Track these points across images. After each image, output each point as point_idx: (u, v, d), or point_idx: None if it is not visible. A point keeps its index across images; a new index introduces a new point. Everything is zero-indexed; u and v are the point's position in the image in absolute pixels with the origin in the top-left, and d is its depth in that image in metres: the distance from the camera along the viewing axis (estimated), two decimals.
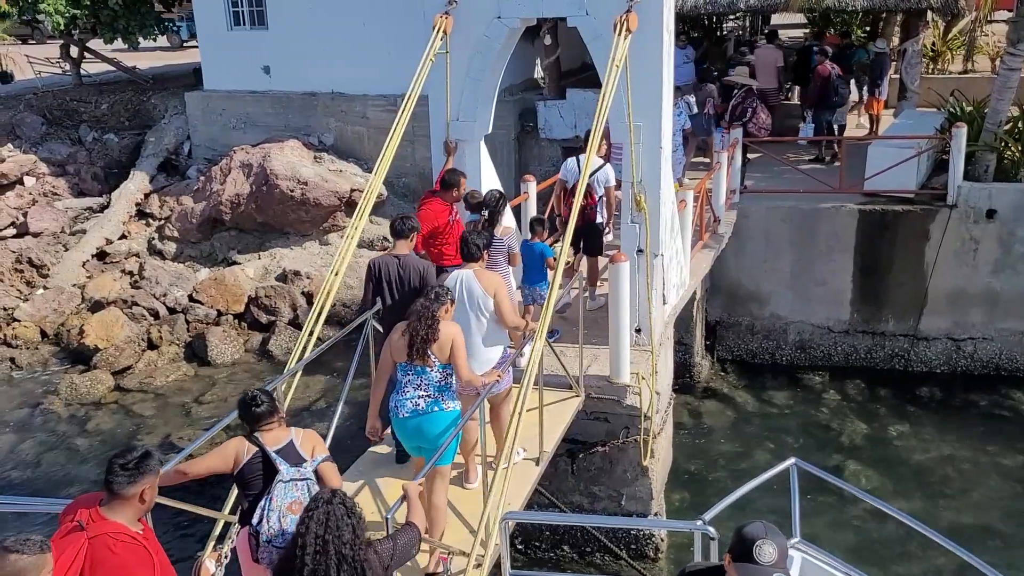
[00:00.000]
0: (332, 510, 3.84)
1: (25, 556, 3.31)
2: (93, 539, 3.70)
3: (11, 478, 10.85)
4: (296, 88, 17.07)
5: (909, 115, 14.39)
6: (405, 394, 5.64)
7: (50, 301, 14.71)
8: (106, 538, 3.70)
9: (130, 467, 3.81)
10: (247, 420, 4.71)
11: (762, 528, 3.51)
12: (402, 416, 5.64)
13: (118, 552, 3.70)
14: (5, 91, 21.24)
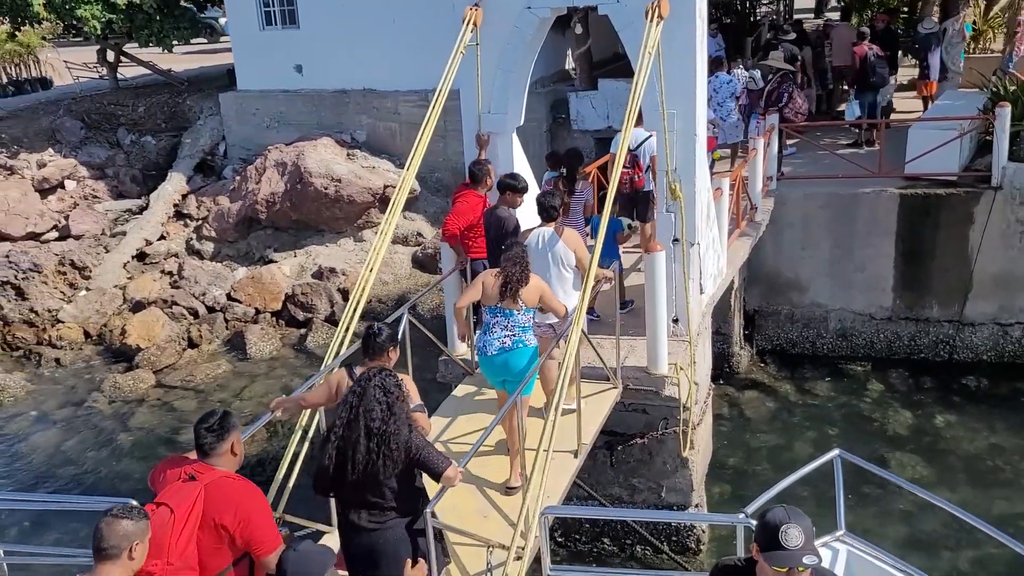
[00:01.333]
0: (368, 388, 4.28)
1: (132, 522, 3.63)
2: (208, 484, 4.09)
3: (57, 475, 11.06)
4: (328, 86, 17.16)
5: (951, 96, 14.05)
6: (493, 334, 6.29)
7: (93, 302, 14.96)
8: (221, 480, 4.13)
9: (215, 428, 4.22)
10: (363, 349, 5.13)
11: (784, 512, 3.43)
12: (490, 354, 6.29)
13: (236, 487, 4.14)
14: (45, 97, 21.65)
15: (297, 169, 15.59)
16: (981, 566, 8.43)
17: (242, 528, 4.02)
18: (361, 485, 4.34)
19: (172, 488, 4.09)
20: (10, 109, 19.92)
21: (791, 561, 3.34)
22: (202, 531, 4.00)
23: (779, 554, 3.36)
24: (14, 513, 10.02)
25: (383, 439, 4.26)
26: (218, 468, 4.16)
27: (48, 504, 9.27)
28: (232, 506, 4.04)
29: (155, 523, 3.83)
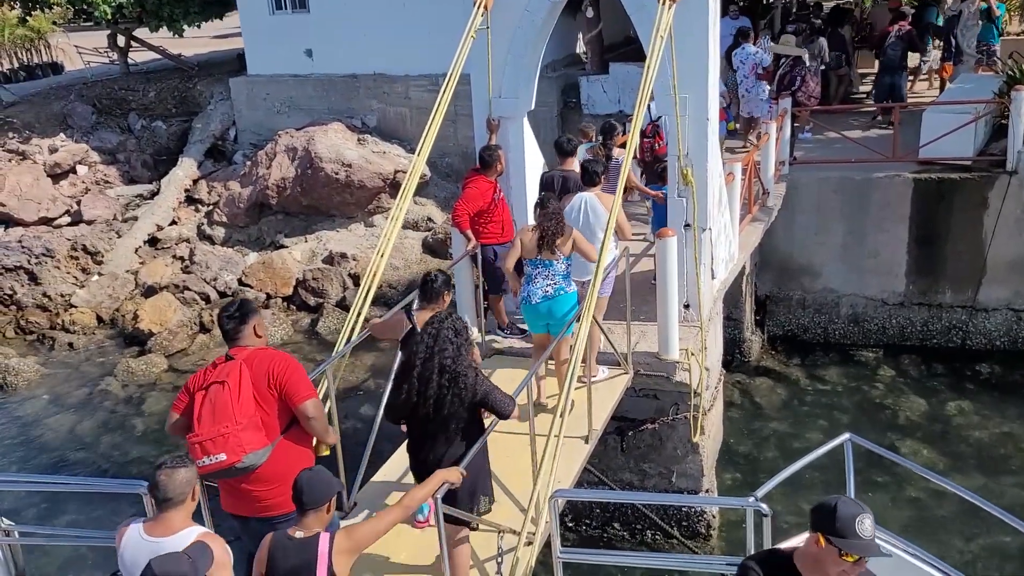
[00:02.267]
0: (441, 329, 4.80)
1: (186, 469, 4.02)
2: (246, 357, 4.67)
3: (71, 459, 11.15)
4: (338, 71, 17.11)
5: (965, 79, 13.91)
6: (536, 284, 6.87)
7: (105, 287, 15.03)
8: (254, 351, 4.72)
9: (235, 314, 4.77)
10: (420, 294, 5.75)
11: (854, 503, 3.48)
12: (535, 302, 6.87)
13: (270, 352, 4.78)
14: (56, 82, 21.69)
15: (308, 154, 15.58)
16: (992, 552, 8.41)
17: (280, 381, 4.64)
18: (430, 417, 4.82)
19: (216, 370, 4.64)
20: (21, 94, 19.98)
21: (869, 550, 3.40)
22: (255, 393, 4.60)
23: (856, 542, 3.40)
24: (30, 495, 10.12)
25: (454, 377, 4.75)
26: (245, 348, 4.72)
27: (62, 486, 9.37)
28: (268, 365, 4.66)
29: (216, 395, 4.49)
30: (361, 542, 4.05)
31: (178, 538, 3.89)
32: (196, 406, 4.60)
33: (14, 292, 14.96)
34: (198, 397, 4.59)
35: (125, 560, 4.02)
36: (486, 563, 5.53)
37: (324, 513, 3.98)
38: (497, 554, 5.40)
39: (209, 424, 4.47)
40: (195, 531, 3.97)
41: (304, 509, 3.95)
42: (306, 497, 3.94)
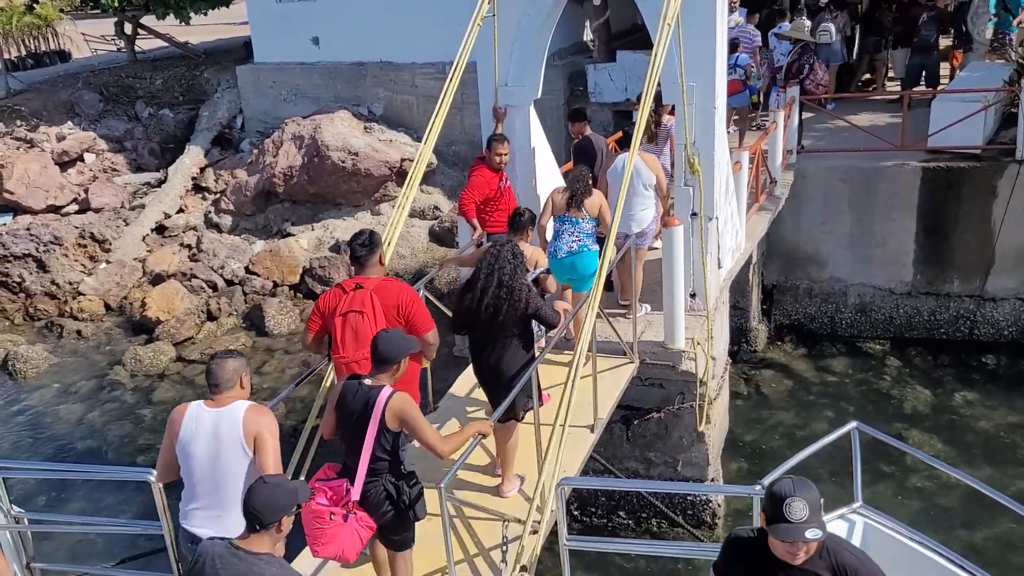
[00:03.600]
0: (502, 251, 5.69)
1: (235, 359, 4.58)
2: (375, 287, 5.37)
3: (80, 447, 11.21)
4: (345, 59, 17.09)
5: (975, 67, 13.81)
6: (562, 240, 7.49)
7: (113, 275, 15.08)
8: (382, 282, 5.44)
9: (366, 243, 5.49)
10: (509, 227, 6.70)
11: (791, 484, 3.45)
12: (560, 256, 7.45)
13: (396, 284, 5.53)
14: (64, 69, 21.72)
15: (314, 142, 15.58)
16: (998, 540, 8.40)
17: (406, 310, 5.34)
18: (489, 324, 5.69)
19: (349, 298, 5.34)
20: (29, 82, 20.01)
21: (794, 535, 3.38)
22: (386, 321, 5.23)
23: (783, 527, 3.40)
24: (39, 483, 10.19)
25: (510, 290, 5.61)
26: (372, 277, 5.42)
27: (71, 474, 9.44)
28: (396, 296, 5.37)
29: (357, 323, 5.24)
30: (408, 419, 4.57)
31: (230, 410, 4.47)
32: (338, 330, 5.37)
33: (23, 280, 15.02)
34: (338, 322, 5.36)
35: (184, 428, 4.50)
36: (491, 551, 5.55)
37: (393, 371, 4.67)
38: (502, 542, 5.42)
39: (353, 348, 5.28)
40: (244, 404, 4.51)
41: (377, 364, 4.65)
42: (380, 354, 4.64)
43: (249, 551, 3.52)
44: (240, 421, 4.41)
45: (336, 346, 5.39)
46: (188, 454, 4.50)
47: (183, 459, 4.53)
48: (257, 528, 3.53)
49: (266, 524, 3.52)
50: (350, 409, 4.60)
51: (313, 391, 6.25)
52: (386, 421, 4.52)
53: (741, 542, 3.77)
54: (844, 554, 3.59)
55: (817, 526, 3.40)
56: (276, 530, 3.57)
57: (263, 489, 3.57)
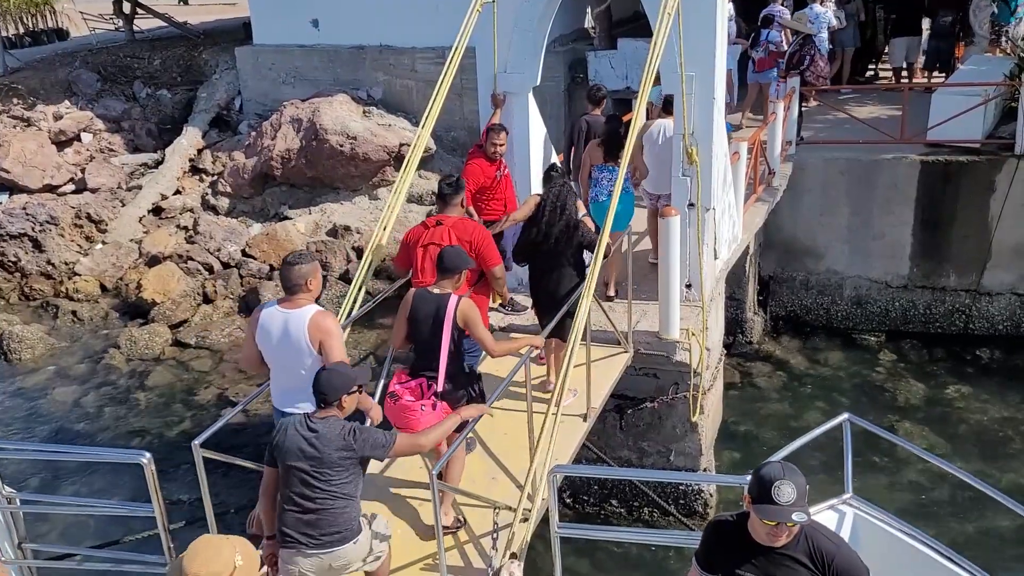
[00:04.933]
0: (562, 191, 6.72)
1: (303, 265, 5.11)
2: (453, 224, 6.21)
3: (74, 429, 11.22)
4: (344, 42, 16.99)
5: (976, 61, 13.78)
6: (601, 186, 8.38)
7: (109, 256, 15.04)
8: (459, 220, 6.28)
9: (452, 183, 6.40)
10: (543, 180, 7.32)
11: (779, 468, 3.53)
12: (601, 200, 8.22)
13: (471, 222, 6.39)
14: (62, 48, 21.60)
15: (312, 126, 15.51)
16: (987, 534, 8.45)
17: (478, 246, 6.18)
18: (550, 253, 6.69)
19: (430, 233, 6.24)
20: (27, 60, 19.90)
21: (780, 516, 3.44)
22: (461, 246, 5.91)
23: (769, 508, 3.46)
24: (33, 465, 10.19)
25: (570, 222, 6.63)
26: (452, 215, 6.26)
27: (64, 455, 9.45)
28: (470, 232, 6.21)
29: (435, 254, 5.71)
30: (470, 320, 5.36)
31: (299, 313, 5.06)
32: (418, 259, 6.22)
33: (18, 259, 14.99)
34: (419, 252, 6.22)
35: (262, 325, 5.17)
36: (482, 538, 5.57)
37: (455, 280, 5.47)
38: (493, 530, 5.44)
39: (431, 275, 5.87)
40: (313, 308, 5.09)
41: (442, 272, 5.45)
42: (445, 264, 5.42)
43: (314, 420, 4.34)
44: (305, 325, 5.03)
45: (416, 273, 6.27)
46: (267, 347, 5.18)
47: (265, 351, 5.22)
48: (323, 405, 4.37)
49: (330, 402, 4.35)
50: (424, 315, 5.39)
51: None
52: (456, 320, 5.32)
53: (721, 527, 3.83)
54: (822, 539, 3.65)
55: (803, 510, 3.46)
56: (338, 407, 4.38)
57: (325, 375, 4.42)
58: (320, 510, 4.29)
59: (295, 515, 4.31)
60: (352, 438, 4.29)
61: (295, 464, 4.28)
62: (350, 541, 4.38)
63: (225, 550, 3.62)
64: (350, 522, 4.38)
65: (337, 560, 4.39)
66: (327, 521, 4.31)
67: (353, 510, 4.41)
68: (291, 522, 4.31)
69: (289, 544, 4.33)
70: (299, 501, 4.30)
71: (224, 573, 3.55)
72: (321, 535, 4.30)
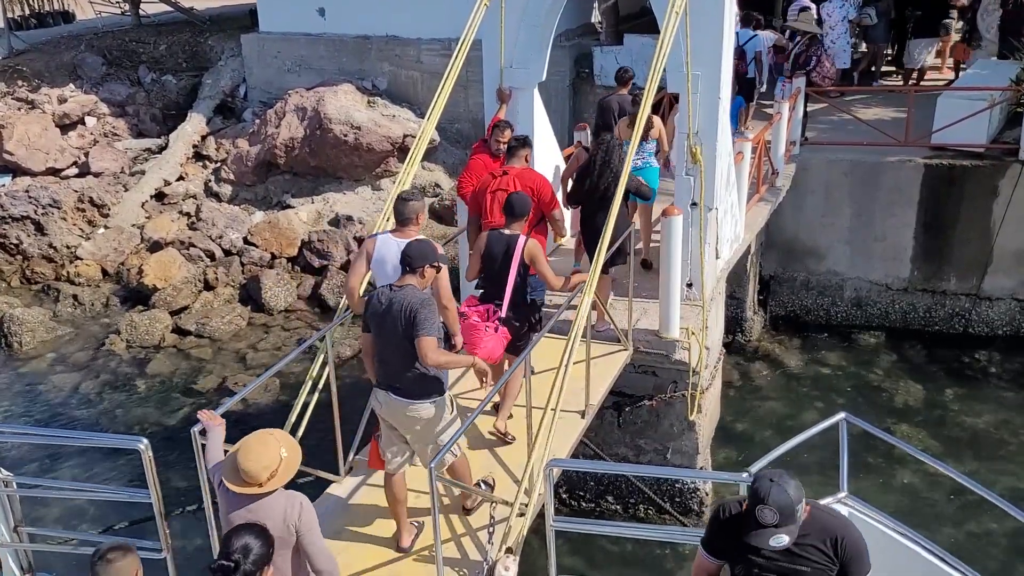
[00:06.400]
0: (610, 145, 7.61)
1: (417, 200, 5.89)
2: (518, 173, 7.11)
3: (72, 415, 11.24)
4: (350, 31, 16.95)
5: (983, 65, 13.74)
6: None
7: (111, 240, 15.05)
8: (522, 169, 7.20)
9: (521, 139, 7.35)
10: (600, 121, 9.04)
11: (767, 487, 3.52)
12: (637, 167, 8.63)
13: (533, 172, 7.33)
14: (67, 31, 21.53)
15: (317, 115, 15.50)
16: (981, 536, 8.49)
17: (539, 192, 7.03)
18: (600, 199, 7.43)
19: (498, 180, 7.13)
20: (32, 42, 19.85)
21: (759, 540, 3.51)
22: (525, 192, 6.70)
23: (752, 531, 3.52)
24: (30, 450, 10.22)
25: (615, 173, 7.34)
26: (517, 166, 7.16)
27: (62, 440, 9.46)
28: (532, 180, 7.10)
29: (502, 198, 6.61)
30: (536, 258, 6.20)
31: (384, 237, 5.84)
32: (487, 203, 7.13)
33: (20, 242, 14.99)
34: (488, 197, 7.12)
35: (378, 251, 5.83)
36: (478, 532, 5.60)
37: (523, 222, 6.28)
38: (489, 524, 5.46)
39: (499, 216, 6.72)
40: (420, 237, 5.63)
41: (510, 216, 6.28)
42: (514, 209, 6.26)
43: (401, 284, 5.11)
44: None
45: (485, 214, 7.17)
46: (380, 270, 5.83)
47: (378, 274, 5.85)
48: (407, 270, 5.11)
49: (414, 268, 5.09)
50: (495, 251, 6.26)
51: None
52: (524, 257, 6.14)
53: (728, 512, 3.84)
54: (829, 519, 3.74)
55: (785, 532, 3.49)
56: (420, 275, 5.10)
57: (415, 243, 5.23)
58: (401, 364, 5.10)
59: (384, 367, 5.24)
60: (419, 305, 4.98)
61: (378, 326, 5.14)
62: (424, 399, 5.17)
63: (271, 445, 4.07)
64: (426, 384, 5.14)
65: (410, 411, 5.20)
66: (406, 375, 5.11)
67: (426, 376, 5.12)
68: (381, 373, 5.28)
69: (380, 386, 5.29)
70: (386, 356, 5.18)
71: (273, 465, 4.02)
72: (401, 386, 5.16)
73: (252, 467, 3.97)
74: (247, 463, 3.98)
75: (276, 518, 4.00)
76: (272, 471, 4.00)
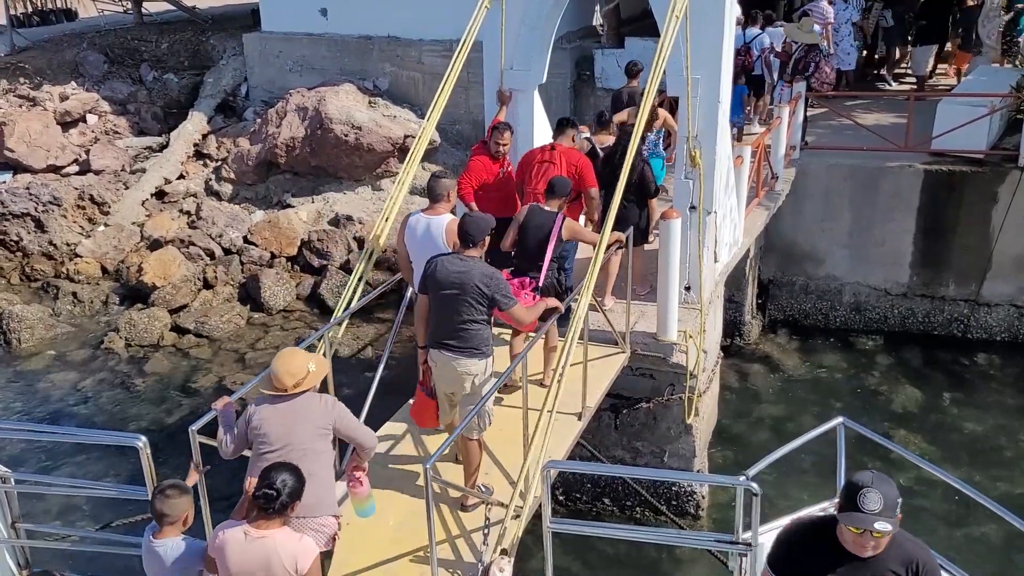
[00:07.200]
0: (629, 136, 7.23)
1: (447, 179, 6.47)
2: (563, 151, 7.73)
3: (71, 412, 11.24)
4: (352, 32, 16.98)
5: (983, 71, 13.78)
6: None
7: (111, 238, 15.06)
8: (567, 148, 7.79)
9: (568, 120, 8.00)
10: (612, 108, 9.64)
11: (869, 476, 3.52)
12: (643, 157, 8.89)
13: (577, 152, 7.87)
14: (70, 29, 21.57)
15: (318, 114, 15.52)
16: (978, 541, 8.49)
17: (579, 169, 7.68)
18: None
19: (544, 154, 7.80)
20: (34, 40, 19.87)
21: (864, 523, 3.44)
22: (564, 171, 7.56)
23: (855, 515, 3.45)
24: (29, 447, 10.22)
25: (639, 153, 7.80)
26: (563, 144, 7.77)
27: (60, 437, 9.46)
28: (575, 158, 7.72)
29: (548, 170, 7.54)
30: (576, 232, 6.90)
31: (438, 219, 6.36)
32: (533, 172, 7.77)
33: (20, 239, 15.00)
34: (535, 167, 7.76)
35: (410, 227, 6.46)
36: (473, 533, 5.61)
37: (562, 201, 6.85)
38: (484, 525, 5.46)
39: (541, 183, 7.28)
40: (449, 216, 6.31)
41: (551, 194, 6.83)
42: (555, 189, 6.84)
43: (466, 257, 5.60)
44: (443, 228, 6.28)
45: (529, 180, 7.77)
46: (412, 243, 6.41)
47: (411, 247, 6.42)
48: (469, 245, 5.61)
49: (475, 242, 5.62)
50: (534, 225, 6.75)
51: None
52: (562, 233, 6.67)
53: (804, 531, 3.78)
54: (911, 545, 3.65)
55: (888, 520, 3.44)
56: (481, 247, 5.66)
57: (470, 219, 5.75)
58: (460, 326, 5.57)
59: (440, 327, 5.64)
60: (489, 279, 5.52)
61: (445, 292, 5.54)
62: (473, 357, 5.63)
63: (300, 358, 4.74)
64: (479, 343, 5.64)
65: (460, 366, 5.64)
66: (462, 336, 5.59)
67: (482, 334, 5.64)
68: (436, 332, 5.67)
69: (434, 346, 5.70)
70: (444, 317, 5.60)
71: (299, 374, 4.67)
72: (456, 345, 5.61)
73: (282, 370, 4.65)
74: (278, 367, 4.68)
75: (314, 412, 4.71)
76: (299, 379, 4.66)
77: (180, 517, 4.40)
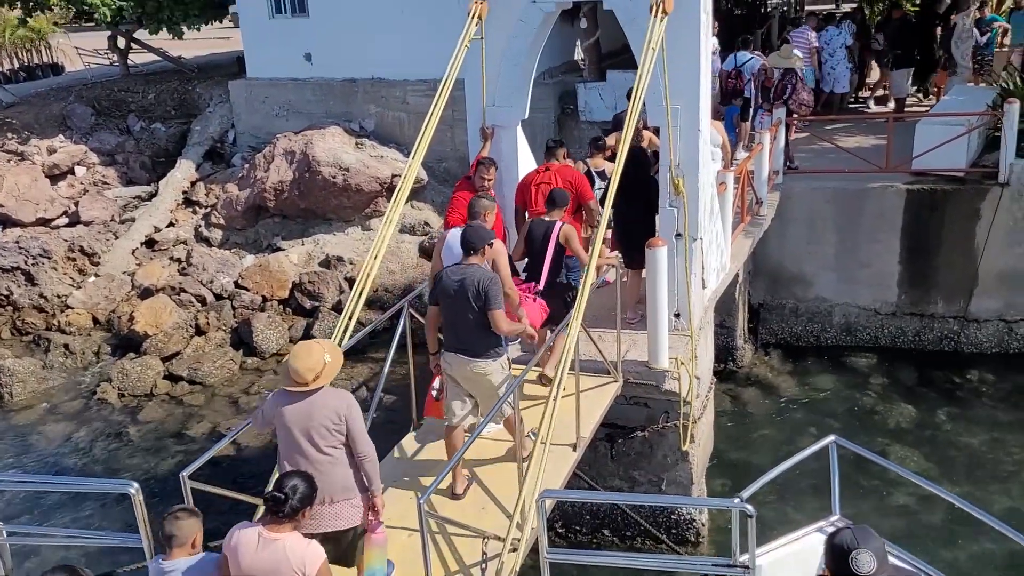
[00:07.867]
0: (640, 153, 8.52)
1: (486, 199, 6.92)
2: (557, 169, 8.12)
3: (63, 463, 11.17)
4: (337, 75, 17.19)
5: (959, 91, 14.00)
6: None
7: (101, 288, 15.06)
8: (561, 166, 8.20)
9: (558, 140, 8.67)
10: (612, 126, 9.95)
11: (852, 535, 3.42)
12: None
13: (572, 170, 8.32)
14: (56, 83, 21.77)
15: (306, 158, 15.64)
16: (976, 557, 8.46)
17: (576, 185, 8.00)
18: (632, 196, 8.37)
19: (540, 175, 8.10)
20: (21, 95, 20.05)
21: None
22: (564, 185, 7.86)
23: None
24: (21, 500, 10.14)
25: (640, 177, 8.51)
26: (557, 163, 8.19)
27: (52, 486, 9.40)
28: (570, 175, 8.08)
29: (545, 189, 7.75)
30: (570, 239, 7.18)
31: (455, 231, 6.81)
32: (532, 195, 8.01)
33: (10, 293, 15.00)
34: (533, 189, 8.02)
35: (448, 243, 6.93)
36: (471, 568, 5.57)
37: (562, 211, 7.34)
38: (481, 560, 5.44)
39: (542, 206, 7.63)
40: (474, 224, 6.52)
41: (551, 205, 7.32)
42: (555, 200, 7.34)
43: (467, 264, 6.00)
44: None
45: (530, 204, 8.03)
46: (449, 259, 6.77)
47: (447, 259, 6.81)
48: (471, 253, 6.01)
49: (476, 249, 6.02)
50: (537, 234, 7.30)
51: None
52: (559, 239, 7.15)
53: None
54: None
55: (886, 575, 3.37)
56: (481, 254, 6.03)
57: (470, 230, 6.12)
58: (469, 330, 5.93)
59: (453, 332, 6.05)
60: (487, 282, 5.87)
61: (451, 298, 5.92)
62: (487, 359, 6.01)
63: (316, 351, 4.86)
64: (491, 345, 6.01)
65: (476, 368, 6.04)
66: (473, 339, 5.96)
67: (492, 336, 5.97)
68: (449, 337, 6.09)
69: (450, 350, 6.10)
70: (455, 323, 6.00)
71: (316, 368, 4.80)
72: (467, 347, 6.00)
73: (300, 367, 4.77)
74: (296, 363, 4.79)
75: (329, 408, 4.84)
76: (317, 372, 4.79)
77: (189, 539, 4.52)
